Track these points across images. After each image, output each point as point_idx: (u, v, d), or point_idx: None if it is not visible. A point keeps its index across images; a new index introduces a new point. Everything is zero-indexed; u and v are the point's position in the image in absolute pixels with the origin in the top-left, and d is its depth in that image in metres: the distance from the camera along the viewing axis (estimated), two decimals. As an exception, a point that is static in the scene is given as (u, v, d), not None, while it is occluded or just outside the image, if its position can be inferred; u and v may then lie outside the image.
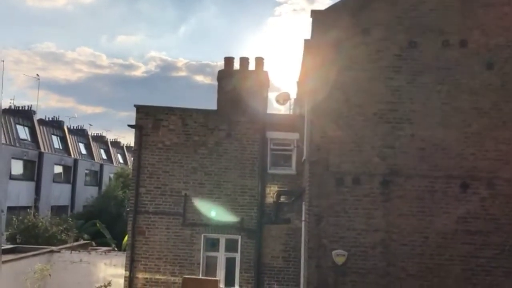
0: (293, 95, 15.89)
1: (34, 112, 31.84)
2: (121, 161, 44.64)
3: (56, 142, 33.97)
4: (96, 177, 37.16)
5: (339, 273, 9.34)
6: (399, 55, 9.78)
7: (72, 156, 34.78)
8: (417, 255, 9.32)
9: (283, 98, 15.19)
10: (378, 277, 9.30)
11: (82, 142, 38.18)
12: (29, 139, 30.49)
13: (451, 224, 9.30)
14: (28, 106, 32.09)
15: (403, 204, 9.43)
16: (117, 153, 45.14)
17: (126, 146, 46.95)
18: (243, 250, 12.61)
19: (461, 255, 9.22)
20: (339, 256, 9.34)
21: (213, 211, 12.48)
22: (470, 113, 9.53)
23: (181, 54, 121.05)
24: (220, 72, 14.01)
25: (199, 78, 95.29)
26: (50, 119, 35.73)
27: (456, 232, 9.28)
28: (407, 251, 9.33)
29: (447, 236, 9.30)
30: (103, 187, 33.90)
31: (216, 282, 2.54)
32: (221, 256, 12.75)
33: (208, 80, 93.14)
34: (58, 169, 32.42)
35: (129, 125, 13.16)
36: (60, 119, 36.24)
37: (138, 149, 12.87)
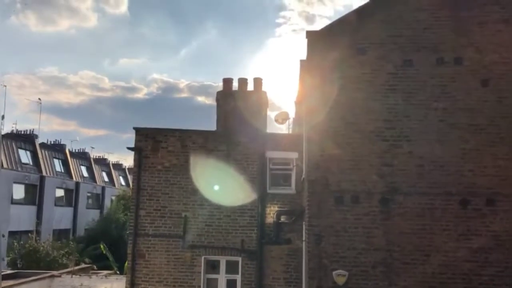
0: (292, 115, 16.01)
1: (36, 136, 32.01)
2: (123, 183, 44.63)
3: (58, 165, 34.05)
4: (98, 200, 37.11)
5: None
6: (394, 74, 9.85)
7: (74, 179, 34.80)
8: (419, 273, 9.23)
9: (282, 118, 15.25)
10: (380, 297, 9.18)
11: (84, 165, 38.25)
12: (31, 163, 30.58)
13: (452, 241, 9.22)
14: (30, 130, 32.30)
15: (403, 222, 9.37)
16: (119, 175, 45.17)
17: (128, 168, 46.99)
18: (244, 271, 12.49)
19: (463, 273, 9.12)
20: (339, 276, 9.24)
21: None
22: (467, 129, 9.54)
23: (182, 76, 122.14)
24: (218, 93, 14.12)
25: (201, 99, 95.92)
26: (52, 142, 35.89)
27: (457, 250, 9.20)
28: (409, 270, 9.23)
29: (448, 254, 9.22)
30: (105, 210, 33.83)
31: None
32: (222, 278, 12.62)
33: (209, 101, 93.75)
34: (60, 193, 32.42)
35: (128, 148, 13.21)
36: (62, 142, 36.42)
37: (138, 171, 12.88)
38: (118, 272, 18.30)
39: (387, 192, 9.50)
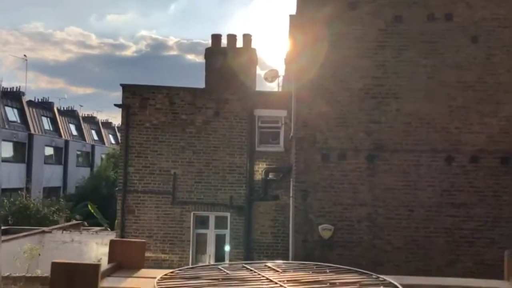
0: (282, 73, 15.86)
1: (23, 94, 31.49)
2: (112, 141, 44.47)
3: (46, 123, 33.73)
4: (87, 158, 37.08)
5: (326, 247, 9.48)
6: (384, 30, 9.73)
7: (63, 137, 34.59)
8: (403, 228, 9.46)
9: (271, 76, 15.15)
10: (364, 250, 9.44)
11: (72, 123, 37.94)
12: (18, 121, 30.25)
13: (436, 197, 9.42)
14: (16, 88, 31.73)
15: (389, 179, 9.52)
16: (109, 134, 44.96)
17: (117, 127, 46.67)
18: (233, 226, 12.72)
19: (445, 227, 9.37)
20: (325, 230, 9.45)
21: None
22: (455, 86, 9.56)
23: (171, 32, 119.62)
24: (207, 49, 13.91)
25: (191, 57, 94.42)
26: (40, 100, 35.39)
27: (440, 205, 9.41)
28: (393, 225, 9.46)
29: (431, 209, 9.43)
30: (95, 168, 33.87)
31: (143, 244, 2.53)
32: (211, 233, 12.86)
33: (199, 59, 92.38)
34: (49, 151, 32.29)
35: (115, 105, 13.09)
36: (49, 100, 35.91)
37: (126, 129, 12.82)
38: (109, 228, 18.53)
39: (373, 149, 9.59)
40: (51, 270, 0.88)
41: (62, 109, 37.68)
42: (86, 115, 41.60)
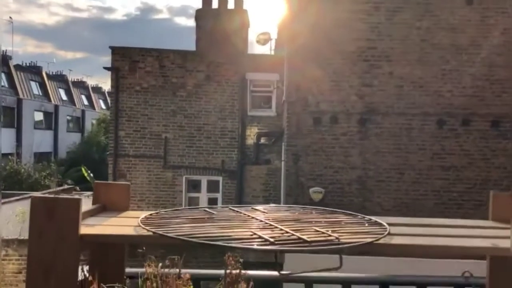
0: (274, 36, 15.59)
1: (10, 57, 30.83)
2: (103, 107, 44.03)
3: (35, 88, 33.21)
4: (78, 123, 36.77)
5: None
6: (378, -10, 9.52)
7: (53, 102, 34.16)
8: (393, 191, 9.56)
9: (263, 39, 14.86)
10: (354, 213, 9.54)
11: (62, 88, 37.39)
12: (6, 85, 29.73)
13: (426, 160, 9.48)
14: (3, 51, 31.02)
15: (380, 142, 9.54)
16: (99, 99, 44.45)
17: (108, 92, 46.13)
18: (225, 190, 12.79)
19: (435, 190, 9.48)
20: (316, 193, 9.52)
21: None
22: (449, 49, 9.46)
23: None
24: (198, 11, 13.59)
25: (181, 20, 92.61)
26: (28, 64, 34.70)
27: (431, 168, 9.49)
28: (383, 187, 9.55)
29: (422, 172, 9.51)
30: (86, 134, 33.65)
31: (127, 186, 2.42)
32: (203, 197, 12.93)
33: (191, 23, 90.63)
34: (39, 116, 31.92)
35: (105, 68, 12.86)
36: (38, 64, 35.23)
37: (116, 92, 12.65)
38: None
39: (365, 112, 9.56)
40: (30, 205, 0.86)
41: (51, 73, 37.06)
42: (75, 80, 40.96)
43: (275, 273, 1.21)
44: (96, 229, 1.06)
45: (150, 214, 1.12)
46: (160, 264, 1.11)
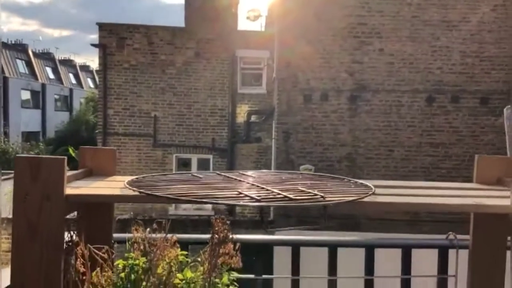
0: (265, 12, 15.41)
1: (-5, 35, 30.18)
2: (91, 85, 43.50)
3: (21, 66, 32.64)
4: (66, 102, 36.35)
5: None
6: (370, -35, 9.42)
7: (40, 80, 33.66)
8: (382, 167, 9.63)
9: (253, 15, 14.68)
10: (344, 190, 9.63)
11: (49, 67, 36.79)
12: (-9, 64, 29.18)
13: (416, 137, 9.55)
14: (-13, 29, 30.33)
15: (370, 119, 9.57)
16: (87, 77, 43.85)
17: (96, 70, 45.50)
18: (215, 168, 12.78)
19: (423, 167, 9.57)
20: (306, 170, 9.56)
21: None
22: (439, 26, 9.44)
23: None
24: (187, -13, 13.35)
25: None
26: (13, 42, 34.01)
27: (419, 145, 9.56)
28: (372, 164, 9.62)
29: (411, 149, 9.58)
30: (74, 112, 33.31)
31: (113, 151, 2.36)
32: (194, 159, 12.91)
33: (180, 0, 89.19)
34: (26, 95, 31.48)
35: (92, 45, 12.64)
36: (23, 42, 34.54)
37: (104, 70, 12.48)
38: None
39: (355, 89, 9.56)
40: (14, 164, 0.84)
41: (37, 51, 36.41)
42: (62, 58, 40.31)
43: (263, 236, 1.22)
44: (81, 190, 1.05)
45: (137, 178, 1.11)
46: (148, 229, 1.11)
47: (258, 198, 0.98)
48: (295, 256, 1.45)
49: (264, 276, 1.50)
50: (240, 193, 1.03)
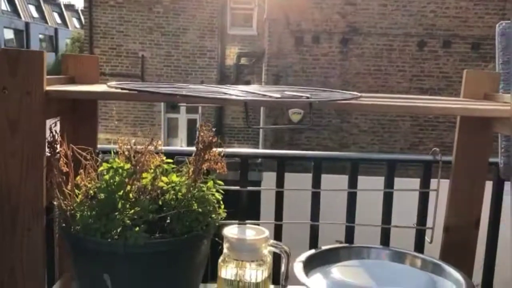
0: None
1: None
2: (77, 25, 42.22)
3: (3, 3, 31.40)
4: (52, 43, 35.38)
5: (295, 130, 9.67)
6: None
7: (23, 19, 32.54)
8: (370, 112, 9.67)
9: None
10: (332, 133, 9.70)
11: (32, 5, 35.46)
12: (-29, 0, 28.02)
13: (405, 82, 9.53)
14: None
15: (360, 63, 9.48)
16: (72, 17, 42.45)
17: (81, 10, 44.00)
18: (204, 111, 12.72)
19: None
20: (295, 114, 9.42)
21: None
22: (435, -33, 9.18)
23: None
24: None
25: None
26: (-7, -23, 32.50)
27: (409, 90, 9.55)
28: (361, 109, 9.63)
29: (400, 94, 9.57)
30: (60, 53, 32.49)
31: (96, 58, 2.22)
32: (183, 117, 12.89)
33: None
34: (9, 34, 30.53)
35: (76, -20, 12.12)
36: (4, -22, 33.02)
37: (89, 7, 12.06)
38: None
39: (347, 32, 9.40)
40: None
41: (18, -12, 34.89)
42: (46, -4, 38.78)
43: (253, 150, 1.21)
44: (62, 87, 1.03)
45: (120, 83, 1.08)
46: (134, 140, 1.10)
47: (241, 95, 0.98)
48: (280, 167, 1.47)
49: (249, 188, 1.53)
50: (224, 94, 1.02)
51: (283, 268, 1.06)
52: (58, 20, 39.15)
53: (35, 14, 35.41)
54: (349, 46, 9.42)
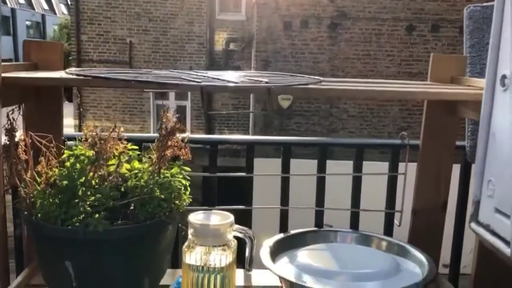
0: None
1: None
2: (64, 12, 41.61)
3: (-12, -11, 30.82)
4: (39, 29, 34.89)
5: (284, 116, 9.67)
6: None
7: (9, 5, 31.98)
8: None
9: None
10: (321, 119, 9.72)
11: (18, -10, 34.83)
12: (-45, -14, 27.45)
13: (394, 66, 9.53)
14: None
15: (349, 48, 9.46)
16: (60, 3, 41.82)
17: (69, -4, 43.31)
18: (193, 98, 12.66)
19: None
20: (284, 100, 9.45)
21: None
22: (424, -50, 9.13)
23: None
24: None
25: None
26: (-23, -38, 31.84)
27: (398, 74, 9.56)
28: (350, 93, 9.64)
29: (389, 79, 9.55)
30: (48, 39, 32.06)
31: (60, 44, 2.19)
32: (172, 104, 12.79)
33: None
34: (-5, 20, 30.00)
35: (61, -36, 11.91)
36: (-12, -37, 32.36)
37: (75, -8, 11.88)
38: (66, 101, 18.15)
39: (336, 17, 9.35)
40: None
41: (4, -27, 34.24)
42: (32, -18, 38.09)
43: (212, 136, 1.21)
44: (20, 74, 1.02)
45: (83, 69, 1.07)
46: (100, 128, 1.09)
47: (200, 81, 0.96)
48: (250, 153, 1.47)
49: (219, 174, 1.53)
50: (184, 79, 1.01)
51: (247, 253, 1.07)
52: (46, 6, 38.56)
53: (21, 0, 34.83)
54: (338, 31, 9.38)
